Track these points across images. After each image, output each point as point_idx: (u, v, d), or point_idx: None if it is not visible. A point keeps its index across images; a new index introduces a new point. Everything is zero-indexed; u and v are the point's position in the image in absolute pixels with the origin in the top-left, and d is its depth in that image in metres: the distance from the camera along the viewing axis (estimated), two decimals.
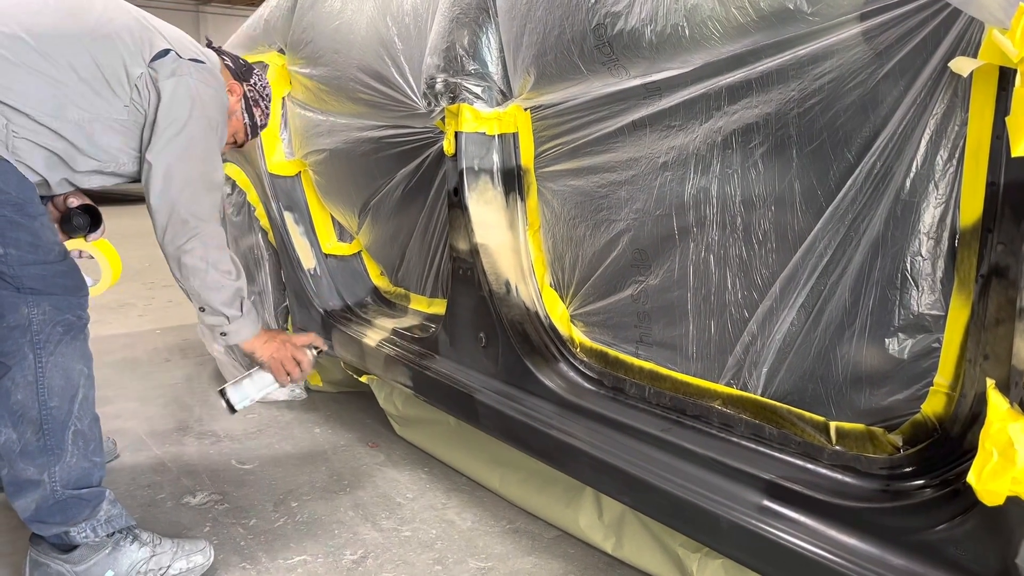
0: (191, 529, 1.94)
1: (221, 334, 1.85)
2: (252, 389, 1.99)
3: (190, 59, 1.79)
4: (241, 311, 1.84)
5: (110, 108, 1.70)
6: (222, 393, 1.98)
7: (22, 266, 1.56)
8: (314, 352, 2.05)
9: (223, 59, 2.00)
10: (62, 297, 1.62)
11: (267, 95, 2.07)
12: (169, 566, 1.70)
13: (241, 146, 2.12)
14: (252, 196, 2.80)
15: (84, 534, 1.64)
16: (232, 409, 1.96)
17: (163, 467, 2.30)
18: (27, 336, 1.57)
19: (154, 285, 4.95)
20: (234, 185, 2.87)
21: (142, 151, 1.75)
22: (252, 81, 2.04)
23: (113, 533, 1.67)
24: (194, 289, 1.78)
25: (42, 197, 1.70)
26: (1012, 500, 0.93)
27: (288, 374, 1.97)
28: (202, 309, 1.82)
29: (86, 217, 1.96)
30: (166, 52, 1.76)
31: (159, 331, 3.91)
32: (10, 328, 1.56)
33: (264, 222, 2.77)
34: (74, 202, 1.93)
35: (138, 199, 1.83)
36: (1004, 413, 0.93)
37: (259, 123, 2.07)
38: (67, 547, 1.64)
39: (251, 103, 2.03)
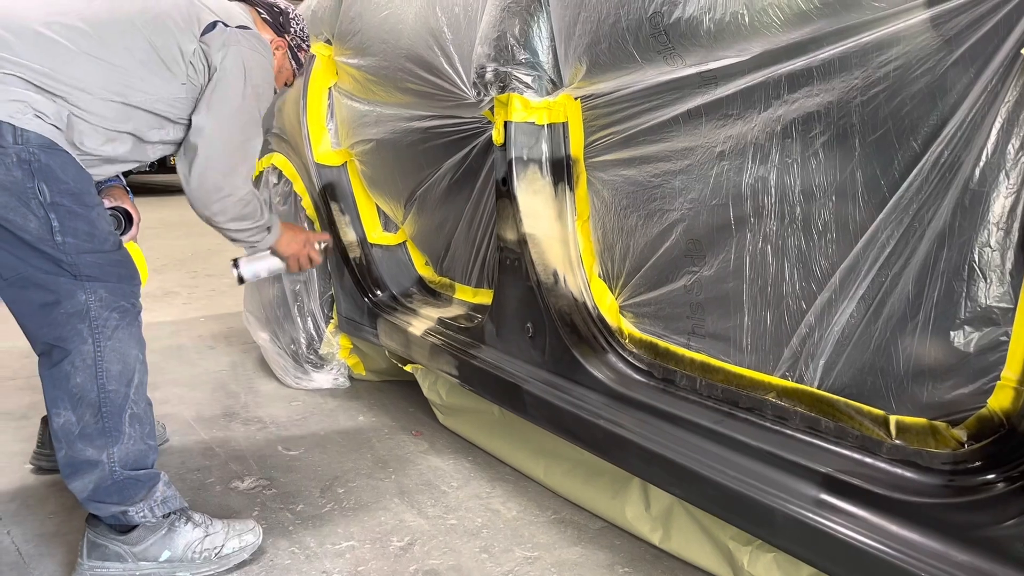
0: (240, 513, 1.97)
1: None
2: (262, 269, 2.22)
3: (238, 26, 1.87)
4: (268, 232, 2.05)
5: (169, 88, 1.76)
6: (235, 264, 2.21)
7: (79, 254, 1.60)
8: (322, 246, 2.30)
9: (259, 12, 2.06)
10: (117, 285, 1.66)
11: (307, 36, 2.17)
12: (223, 545, 1.73)
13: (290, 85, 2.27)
14: (299, 186, 2.82)
15: (142, 514, 1.67)
16: (241, 280, 2.23)
17: (211, 452, 2.34)
18: (85, 322, 1.61)
19: (197, 274, 5.02)
20: (280, 175, 2.90)
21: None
22: (292, 30, 2.12)
23: (169, 514, 1.71)
24: (224, 235, 2.00)
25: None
26: None
27: (302, 262, 2.25)
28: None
29: (118, 219, 2.03)
30: (214, 24, 1.82)
31: (203, 319, 3.96)
32: (68, 315, 1.60)
33: (310, 212, 2.80)
34: (107, 203, 1.97)
35: (180, 190, 1.93)
36: None
37: (303, 61, 2.19)
38: (124, 528, 1.67)
39: (295, 50, 2.15)
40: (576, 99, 1.77)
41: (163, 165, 8.85)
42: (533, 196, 1.86)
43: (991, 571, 1.05)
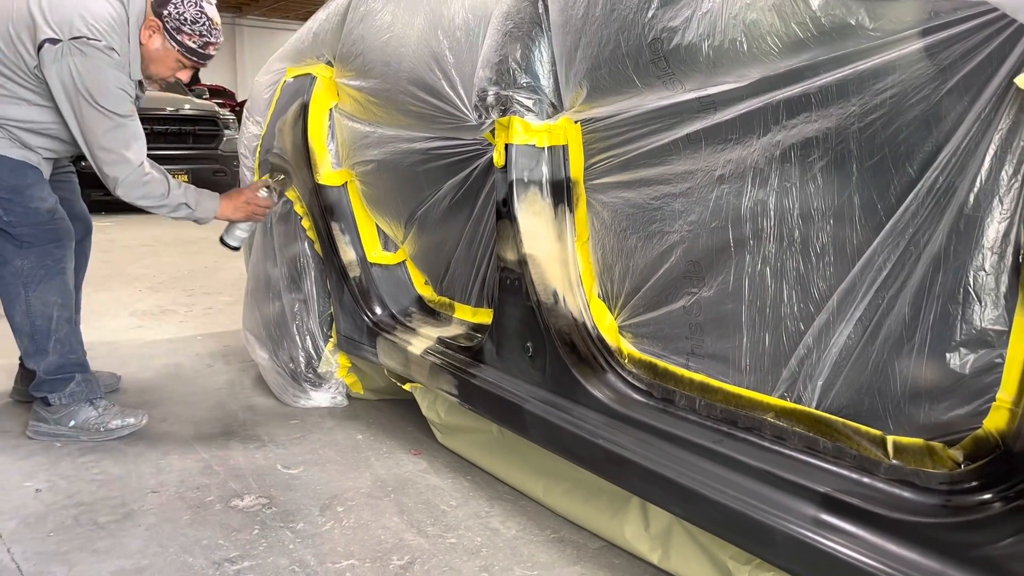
0: (240, 532, 1.97)
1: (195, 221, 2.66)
2: (240, 232, 2.82)
3: (71, 38, 2.28)
4: (191, 207, 2.58)
5: (35, 96, 2.40)
6: (222, 241, 2.82)
7: (19, 227, 2.42)
8: (266, 191, 2.72)
9: None
10: (44, 248, 2.47)
11: (190, 18, 2.42)
12: (110, 423, 2.58)
13: (197, 68, 2.62)
14: (299, 206, 2.84)
15: (58, 398, 2.56)
16: (233, 247, 2.83)
17: (210, 470, 2.34)
18: (19, 279, 2.46)
19: (194, 292, 5.03)
20: (280, 194, 2.92)
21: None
22: (167, 11, 2.40)
23: (77, 401, 2.56)
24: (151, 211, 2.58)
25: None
26: None
27: (258, 216, 2.75)
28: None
29: None
30: (45, 42, 2.27)
31: (200, 337, 3.97)
32: (12, 274, 2.46)
33: (310, 232, 2.82)
34: None
35: None
36: None
37: (197, 46, 2.47)
38: (50, 405, 2.57)
39: (172, 32, 2.42)
40: (576, 122, 1.79)
41: None
42: (533, 217, 1.88)
43: None
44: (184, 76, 2.59)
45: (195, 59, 2.51)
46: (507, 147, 1.87)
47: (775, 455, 1.40)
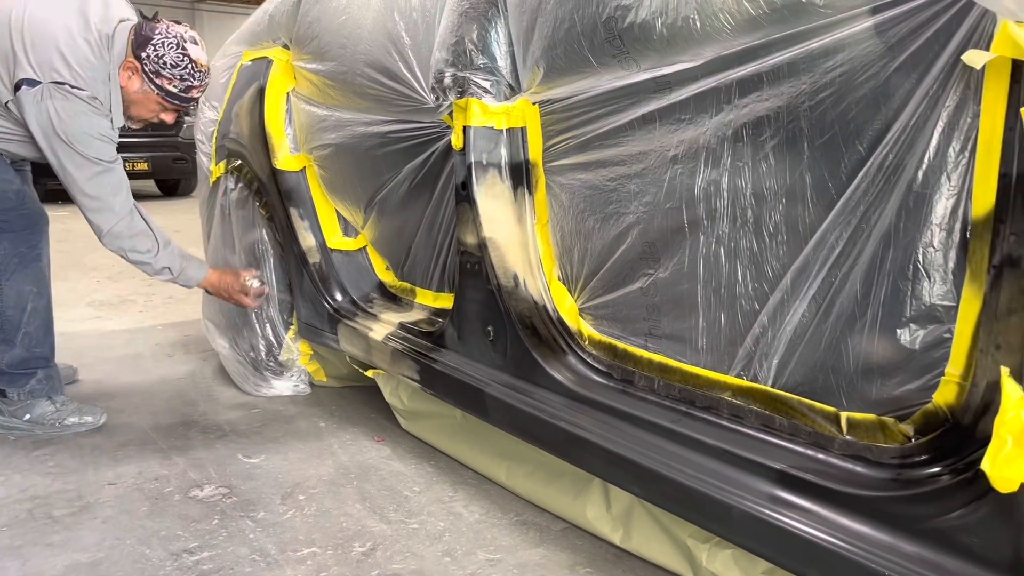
0: (200, 522, 1.95)
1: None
2: None
3: (52, 82, 2.19)
4: (173, 273, 2.48)
5: (8, 124, 2.33)
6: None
7: None
8: (255, 283, 2.65)
9: (136, 27, 2.31)
10: (18, 234, 2.42)
11: (170, 62, 2.31)
12: (67, 419, 2.53)
13: (180, 112, 2.55)
14: (256, 192, 2.80)
15: (15, 393, 2.52)
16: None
17: (169, 461, 2.31)
18: None
19: (153, 283, 4.93)
20: (237, 180, 2.88)
21: None
22: (147, 53, 2.30)
23: (37, 396, 2.52)
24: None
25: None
26: None
27: (236, 304, 2.68)
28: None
29: None
30: (24, 83, 2.19)
31: (160, 327, 3.91)
32: None
33: (269, 218, 2.78)
34: None
35: (133, 197, 2.19)
36: (1018, 401, 0.94)
37: (178, 90, 2.36)
38: (4, 398, 2.53)
39: (151, 75, 2.32)
40: (534, 104, 1.78)
41: None
42: (492, 200, 1.87)
43: (938, 562, 1.08)
44: (168, 118, 2.48)
45: (176, 103, 2.40)
46: (465, 129, 1.85)
47: (732, 433, 1.41)
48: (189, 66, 2.33)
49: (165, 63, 2.30)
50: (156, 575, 1.73)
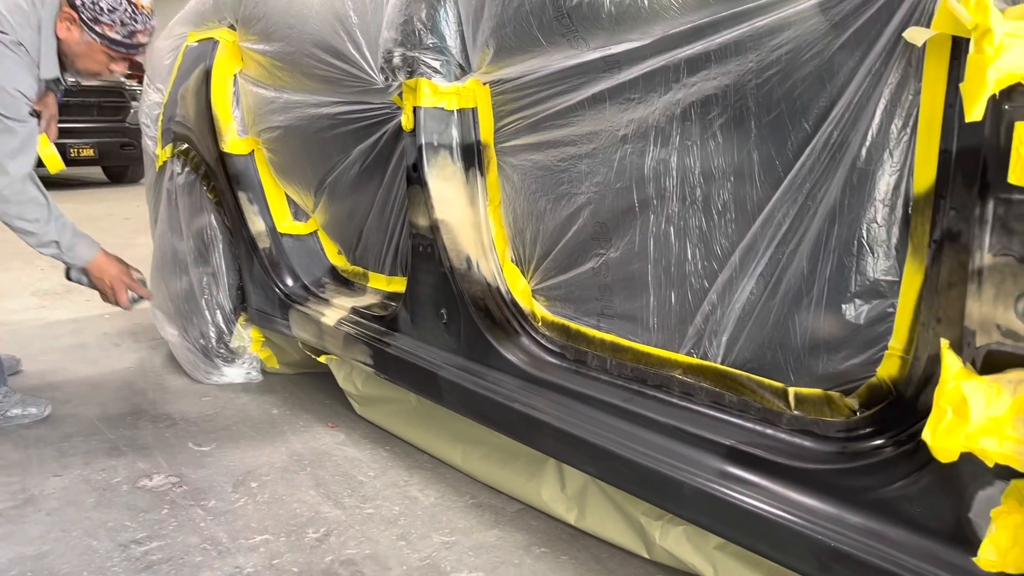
0: (148, 512, 1.91)
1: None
2: (83, 278, 2.50)
3: None
4: (60, 248, 2.33)
5: None
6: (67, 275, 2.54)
7: None
8: (136, 297, 2.54)
9: None
10: None
11: (106, 6, 2.19)
12: (9, 411, 2.45)
13: (131, 60, 2.36)
14: (203, 176, 2.74)
15: None
16: (67, 275, 2.51)
17: (118, 451, 2.26)
18: None
19: None
20: (184, 164, 2.81)
21: None
22: (82, 0, 2.18)
23: None
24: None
25: None
26: (965, 456, 0.97)
27: (110, 296, 2.51)
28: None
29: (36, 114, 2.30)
30: None
31: (108, 316, 3.81)
32: None
33: (217, 203, 2.72)
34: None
35: (78, 184, 2.05)
36: (958, 372, 0.96)
37: (121, 36, 2.24)
38: None
39: (89, 23, 2.20)
40: (485, 84, 1.76)
41: (63, 159, 8.47)
42: (444, 182, 1.85)
43: (882, 532, 1.10)
44: (119, 68, 2.34)
45: (123, 50, 2.27)
46: (415, 110, 1.83)
47: (683, 411, 1.42)
48: (128, 9, 2.22)
49: (102, 8, 2.18)
50: (103, 567, 1.69)
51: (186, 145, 2.80)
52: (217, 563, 1.70)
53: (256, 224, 2.62)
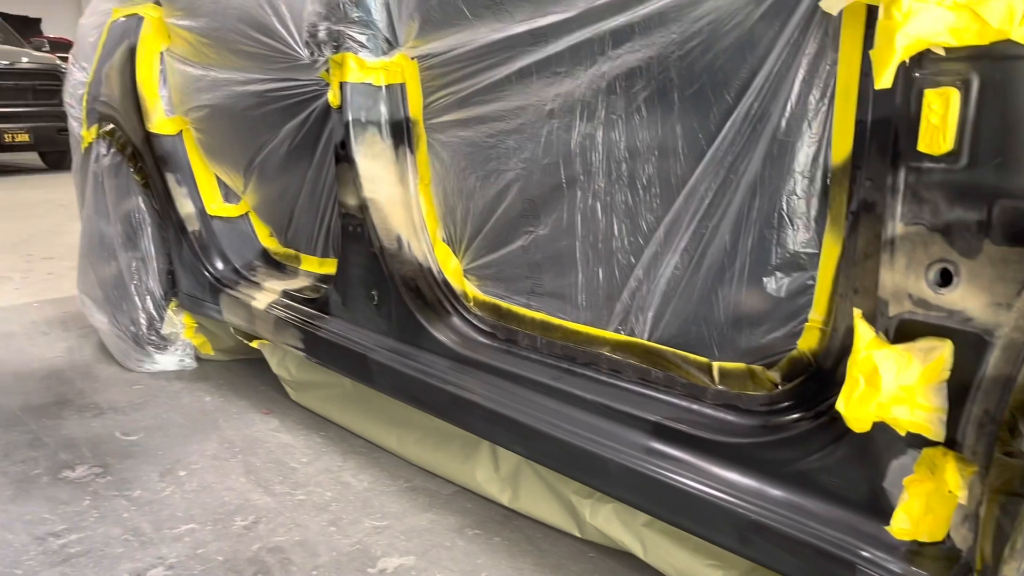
0: (69, 504, 1.84)
1: None
2: None
3: None
4: None
5: None
6: None
7: None
8: None
9: None
10: None
11: None
12: None
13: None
14: (130, 157, 2.65)
15: None
16: None
17: (39, 442, 2.18)
18: None
19: (32, 257, 4.67)
20: (110, 145, 2.72)
21: None
22: None
23: None
24: None
25: None
26: (878, 426, 0.97)
27: None
28: None
29: None
30: None
31: (37, 304, 3.69)
32: None
33: (144, 185, 2.63)
34: None
35: (14, 171, 1.89)
36: (870, 342, 0.96)
37: None
38: None
39: None
40: (413, 59, 1.72)
41: None
42: (373, 160, 1.81)
43: (801, 504, 1.10)
44: None
45: None
46: (342, 86, 1.78)
47: (610, 388, 1.41)
48: None
49: None
50: (18, 560, 1.62)
51: (111, 126, 2.70)
52: (139, 554, 1.65)
53: (185, 206, 2.54)
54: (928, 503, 0.96)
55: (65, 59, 10.65)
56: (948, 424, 0.93)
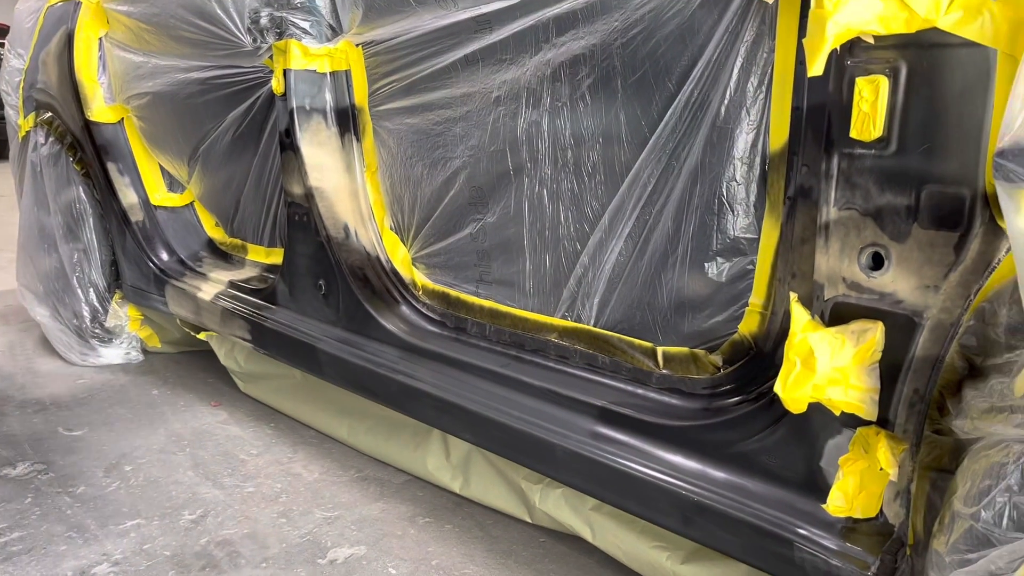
0: (10, 502, 1.80)
1: None
2: None
3: None
4: None
5: None
6: None
7: None
8: None
9: None
10: None
11: None
12: None
13: None
14: (69, 147, 2.58)
15: None
16: None
17: None
18: None
19: None
20: (48, 134, 2.64)
21: None
22: None
23: None
24: None
25: None
26: (815, 407, 0.99)
27: None
28: None
29: None
30: None
31: None
32: None
33: (84, 173, 2.57)
34: None
35: None
36: (806, 325, 0.98)
37: None
38: None
39: None
40: (358, 46, 1.71)
41: None
42: (318, 148, 1.79)
43: (742, 484, 1.13)
44: None
45: None
46: (286, 73, 1.75)
47: (558, 374, 1.42)
48: None
49: None
50: None
51: (49, 114, 2.63)
52: (83, 551, 1.62)
53: (128, 196, 2.48)
54: (862, 481, 0.99)
55: (1, 45, 10.34)
56: (880, 404, 0.95)
